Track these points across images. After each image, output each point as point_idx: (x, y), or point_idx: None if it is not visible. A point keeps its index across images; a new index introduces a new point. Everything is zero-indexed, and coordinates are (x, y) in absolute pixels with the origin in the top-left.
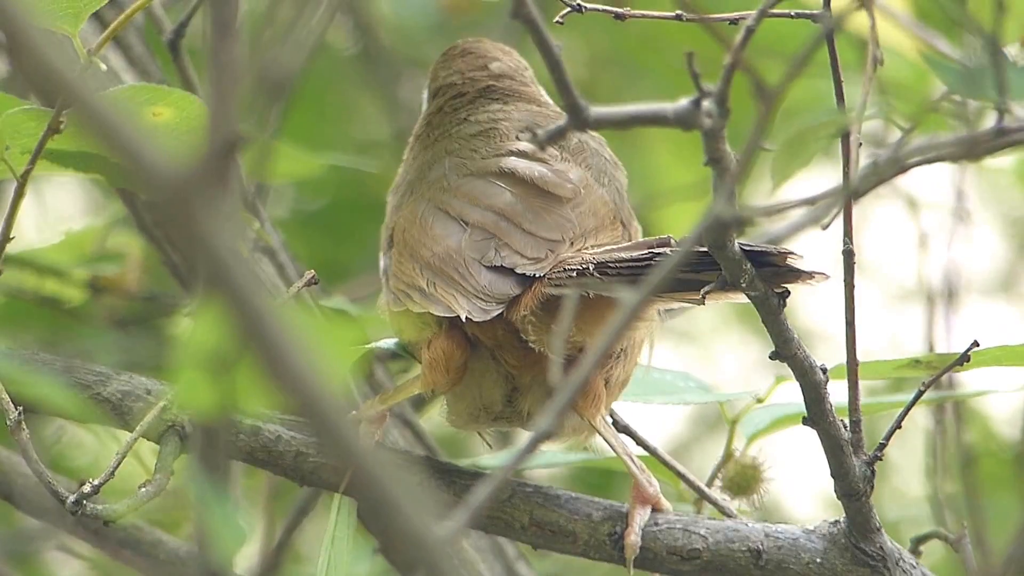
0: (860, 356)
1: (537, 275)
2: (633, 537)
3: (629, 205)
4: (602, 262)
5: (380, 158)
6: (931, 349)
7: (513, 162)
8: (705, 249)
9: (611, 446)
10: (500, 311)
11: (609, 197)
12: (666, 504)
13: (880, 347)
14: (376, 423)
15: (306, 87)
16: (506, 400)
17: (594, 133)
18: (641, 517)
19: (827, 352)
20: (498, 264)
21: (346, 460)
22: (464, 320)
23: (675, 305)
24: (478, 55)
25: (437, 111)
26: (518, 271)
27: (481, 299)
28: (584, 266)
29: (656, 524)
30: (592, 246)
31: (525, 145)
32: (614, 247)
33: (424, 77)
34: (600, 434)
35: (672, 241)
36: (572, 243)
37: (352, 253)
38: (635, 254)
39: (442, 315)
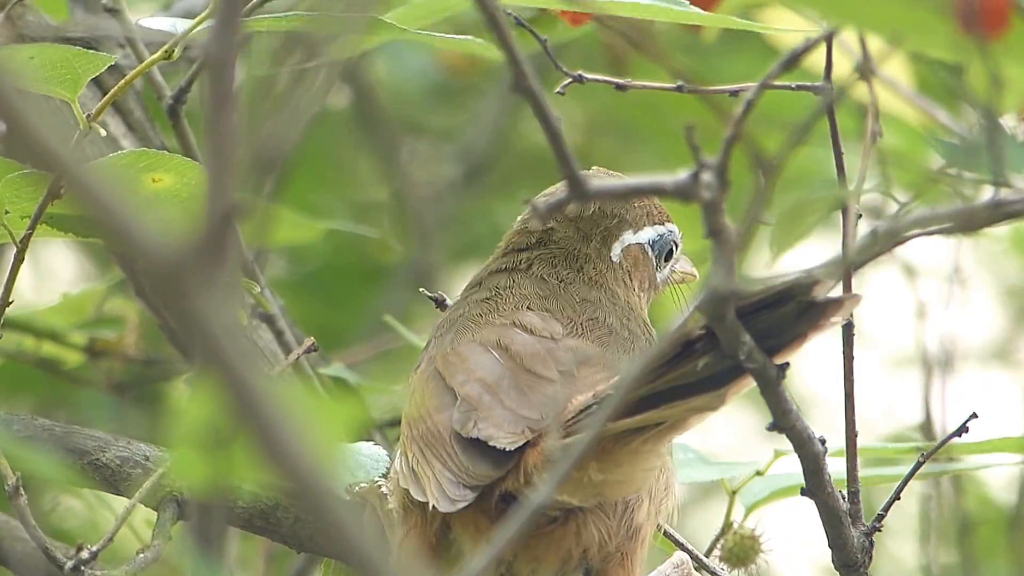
0: (858, 426)
1: (508, 449)
2: None
3: None
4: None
5: (378, 222)
6: (928, 417)
7: (512, 335)
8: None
9: None
10: (469, 503)
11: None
12: None
13: (878, 415)
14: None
15: (305, 151)
16: None
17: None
18: None
19: (825, 419)
20: (474, 436)
21: (340, 544)
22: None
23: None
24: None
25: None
26: (491, 443)
27: (465, 476)
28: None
29: None
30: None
31: (531, 318)
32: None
33: (420, 141)
34: None
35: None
36: (562, 416)
37: (349, 317)
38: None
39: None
